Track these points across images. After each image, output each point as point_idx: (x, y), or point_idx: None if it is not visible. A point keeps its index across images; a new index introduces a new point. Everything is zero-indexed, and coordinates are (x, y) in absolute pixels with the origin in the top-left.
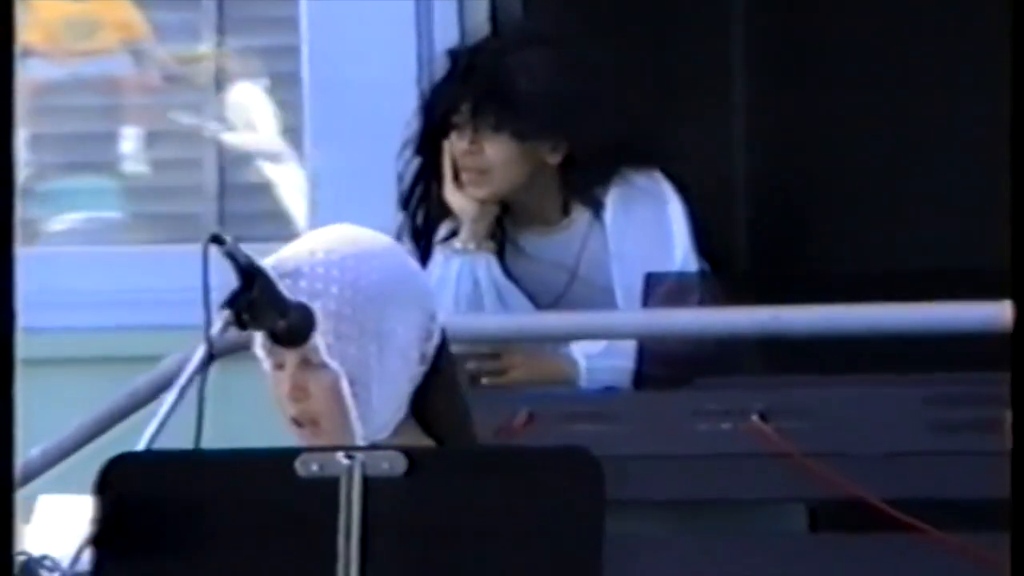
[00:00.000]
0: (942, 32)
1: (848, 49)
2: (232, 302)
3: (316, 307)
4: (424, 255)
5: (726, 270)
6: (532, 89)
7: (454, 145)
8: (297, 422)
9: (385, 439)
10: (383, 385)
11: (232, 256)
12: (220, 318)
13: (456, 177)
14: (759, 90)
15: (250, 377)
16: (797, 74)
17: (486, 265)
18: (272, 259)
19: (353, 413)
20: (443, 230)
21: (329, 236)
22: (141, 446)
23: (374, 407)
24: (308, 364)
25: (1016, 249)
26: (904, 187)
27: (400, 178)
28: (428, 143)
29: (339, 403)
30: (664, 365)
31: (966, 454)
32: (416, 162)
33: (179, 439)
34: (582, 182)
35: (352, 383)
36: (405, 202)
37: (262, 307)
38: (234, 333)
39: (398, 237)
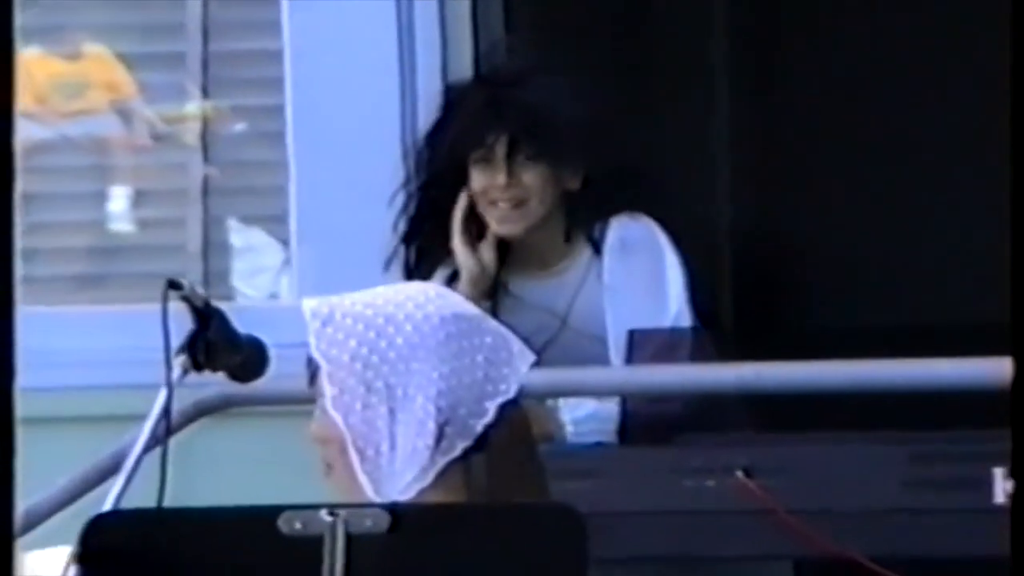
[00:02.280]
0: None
1: (838, 95)
2: (188, 345)
3: (332, 354)
4: None
5: (711, 326)
6: (562, 115)
7: (484, 181)
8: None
9: (418, 495)
10: (394, 449)
11: (188, 300)
12: (177, 363)
13: (471, 221)
14: (743, 140)
15: (234, 435)
16: (782, 122)
17: None
18: (315, 301)
19: (357, 468)
20: (439, 276)
21: (391, 291)
22: (109, 500)
23: (383, 468)
24: (326, 412)
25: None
26: (890, 244)
27: (399, 215)
28: (439, 181)
29: (345, 456)
30: (648, 422)
31: (949, 512)
32: (417, 200)
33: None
34: (590, 208)
35: (356, 439)
36: (405, 240)
37: (218, 347)
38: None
39: (386, 267)
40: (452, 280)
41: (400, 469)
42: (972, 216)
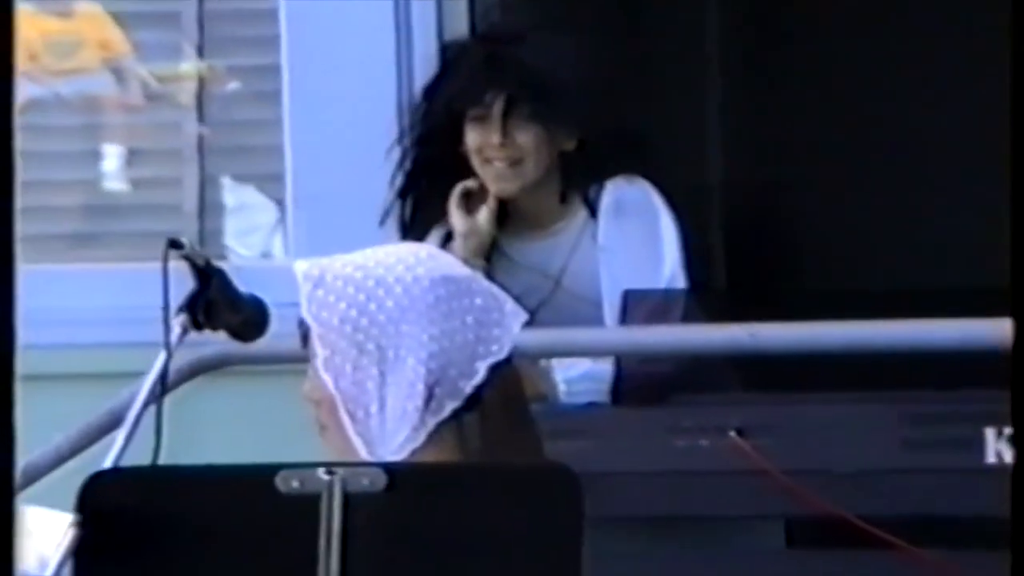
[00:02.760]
0: (930, 43)
1: (829, 59)
2: (188, 305)
3: (323, 317)
4: None
5: (704, 286)
6: (560, 75)
7: (479, 139)
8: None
9: (411, 455)
10: (383, 411)
11: (189, 259)
12: (177, 323)
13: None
14: (736, 95)
15: (232, 393)
16: (775, 83)
17: None
18: (307, 263)
19: (349, 429)
20: (434, 236)
21: (381, 252)
22: (109, 459)
23: (373, 430)
24: (317, 373)
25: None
26: (882, 203)
27: (395, 171)
28: (432, 139)
29: (336, 417)
30: (642, 382)
31: (942, 471)
32: (412, 156)
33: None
34: (585, 170)
35: (346, 401)
36: (400, 195)
37: (218, 306)
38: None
39: (381, 222)
40: (447, 240)
41: (391, 430)
42: (969, 177)
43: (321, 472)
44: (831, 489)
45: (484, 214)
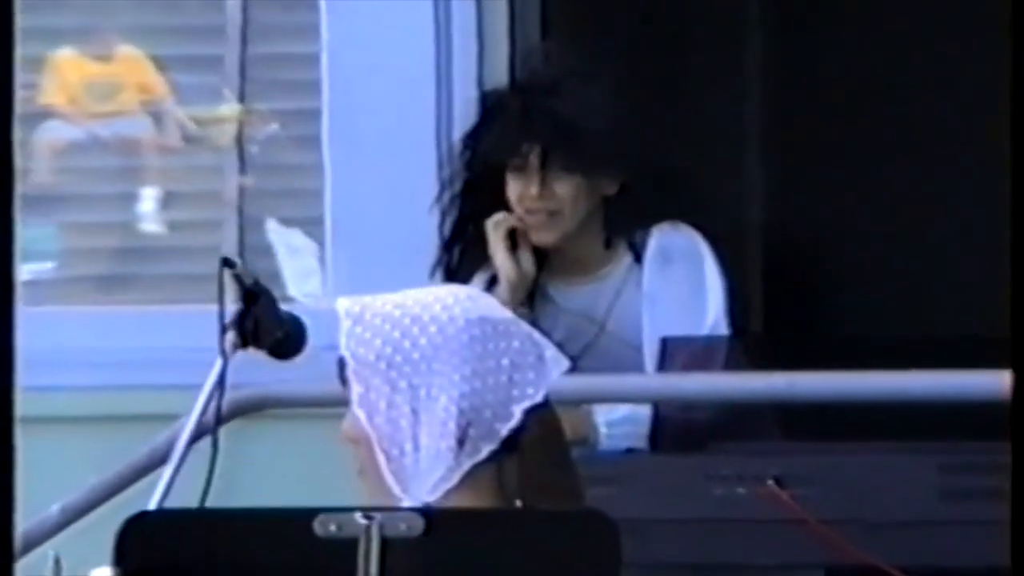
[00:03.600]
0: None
1: (871, 104)
2: (236, 322)
3: (360, 353)
4: None
5: (743, 332)
6: (596, 125)
7: (518, 189)
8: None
9: (446, 496)
10: (417, 450)
11: (238, 277)
12: (227, 341)
13: (511, 232)
14: (776, 140)
15: (270, 436)
16: (816, 128)
17: None
18: (349, 301)
19: (383, 467)
20: (478, 280)
21: (422, 293)
22: (154, 499)
23: (408, 469)
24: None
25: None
26: (923, 250)
27: (442, 219)
28: (476, 188)
29: (373, 455)
30: (680, 429)
31: (980, 523)
32: (457, 205)
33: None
34: (629, 215)
35: (381, 438)
36: (447, 244)
37: (263, 325)
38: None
39: (432, 275)
40: (491, 284)
41: (425, 470)
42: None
43: (359, 516)
44: (868, 539)
45: (526, 257)
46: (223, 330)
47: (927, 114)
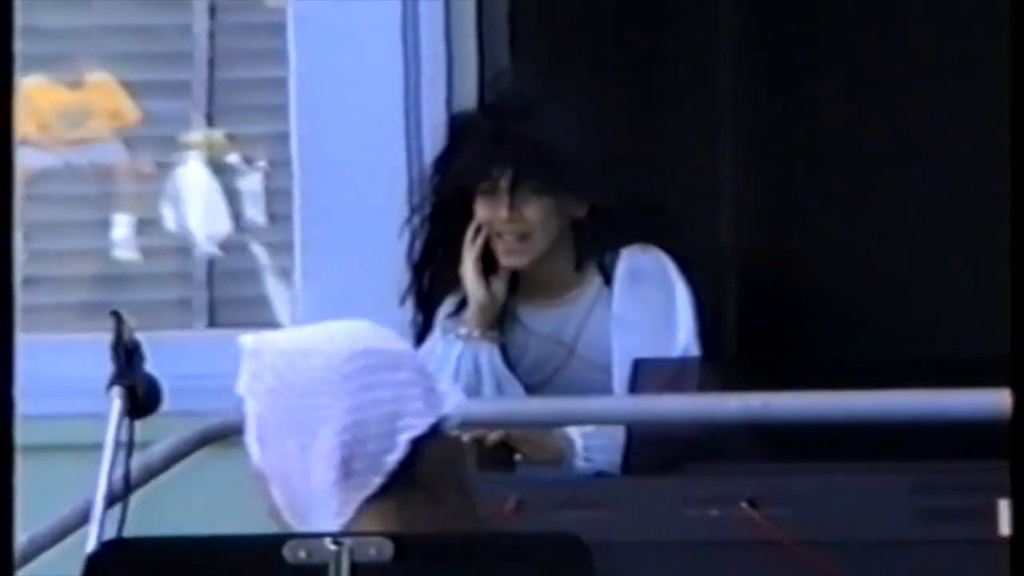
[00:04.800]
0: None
1: (844, 126)
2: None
3: (254, 387)
4: (426, 323)
5: (716, 354)
6: (566, 148)
7: (488, 213)
8: None
9: (346, 528)
10: (308, 483)
11: (121, 329)
12: (117, 395)
13: (484, 251)
14: (749, 163)
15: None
16: (789, 149)
17: (488, 354)
18: (252, 338)
19: (280, 502)
20: (448, 303)
21: (322, 327)
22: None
23: (300, 502)
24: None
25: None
26: (897, 271)
27: (411, 243)
28: (445, 212)
29: (269, 491)
30: (653, 451)
31: (955, 542)
32: (427, 229)
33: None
34: (599, 238)
35: (273, 473)
36: (416, 268)
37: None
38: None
39: (402, 302)
40: (460, 307)
41: (318, 503)
42: (983, 248)
43: (328, 542)
44: (843, 560)
45: (498, 281)
46: (119, 371)
47: (904, 134)
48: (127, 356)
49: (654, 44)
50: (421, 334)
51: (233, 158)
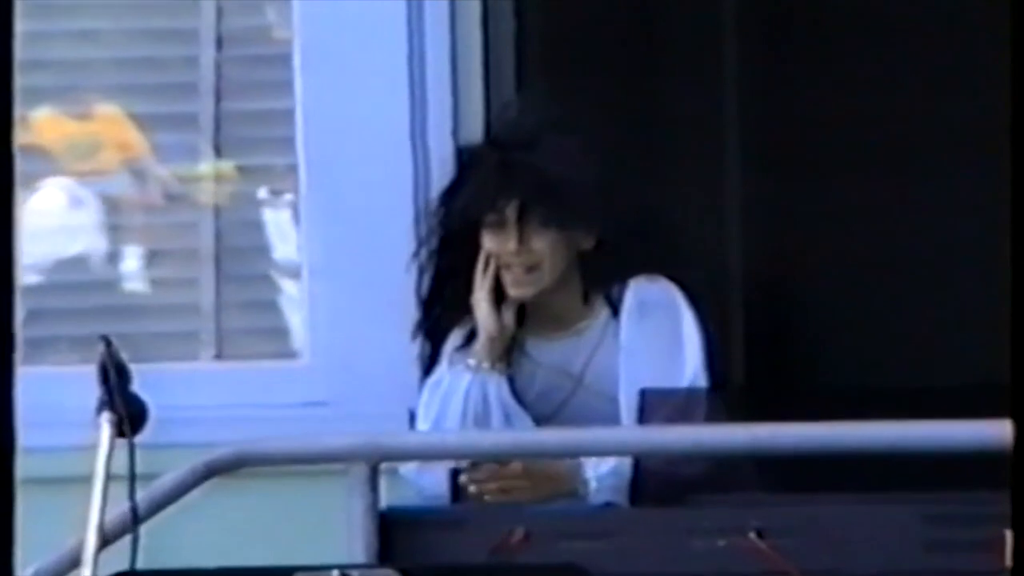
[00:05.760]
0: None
1: (851, 151)
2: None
3: None
4: (433, 354)
5: (722, 384)
6: (574, 179)
7: (496, 245)
8: None
9: None
10: None
11: (111, 354)
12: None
13: (495, 282)
14: (754, 192)
15: (247, 494)
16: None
17: (496, 386)
18: None
19: None
20: (456, 335)
21: None
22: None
23: None
24: None
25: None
26: (904, 304)
27: (419, 277)
28: (452, 243)
29: None
30: (660, 482)
31: (962, 574)
32: (434, 261)
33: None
34: (607, 269)
35: None
36: (424, 303)
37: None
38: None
39: (413, 337)
40: (469, 339)
41: None
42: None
43: (336, 574)
44: None
45: (508, 313)
46: (111, 397)
47: (911, 165)
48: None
49: (659, 73)
50: (428, 366)
51: (240, 189)
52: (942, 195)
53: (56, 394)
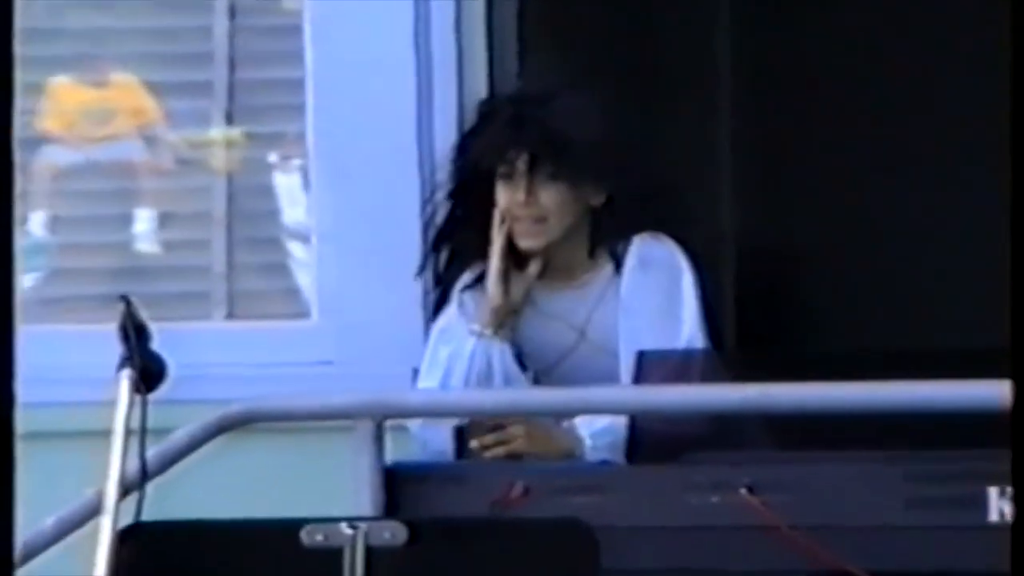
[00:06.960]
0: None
1: (845, 119)
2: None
3: None
4: (442, 296)
5: (717, 345)
6: (583, 136)
7: (506, 196)
8: None
9: None
10: None
11: (130, 313)
12: (126, 377)
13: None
14: (748, 155)
15: (258, 449)
16: (789, 142)
17: (500, 353)
18: None
19: None
20: (467, 276)
21: None
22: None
23: None
24: None
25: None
26: (896, 265)
27: (428, 221)
28: (467, 191)
29: None
30: (655, 441)
31: (945, 529)
32: (447, 206)
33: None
34: (615, 226)
35: None
36: (435, 244)
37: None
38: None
39: (419, 274)
40: (479, 280)
41: None
42: (981, 239)
43: (344, 526)
44: (838, 545)
45: (517, 291)
46: (129, 352)
47: (903, 127)
48: (136, 337)
49: (652, 36)
50: (436, 307)
51: (251, 154)
52: (938, 156)
53: (72, 351)
